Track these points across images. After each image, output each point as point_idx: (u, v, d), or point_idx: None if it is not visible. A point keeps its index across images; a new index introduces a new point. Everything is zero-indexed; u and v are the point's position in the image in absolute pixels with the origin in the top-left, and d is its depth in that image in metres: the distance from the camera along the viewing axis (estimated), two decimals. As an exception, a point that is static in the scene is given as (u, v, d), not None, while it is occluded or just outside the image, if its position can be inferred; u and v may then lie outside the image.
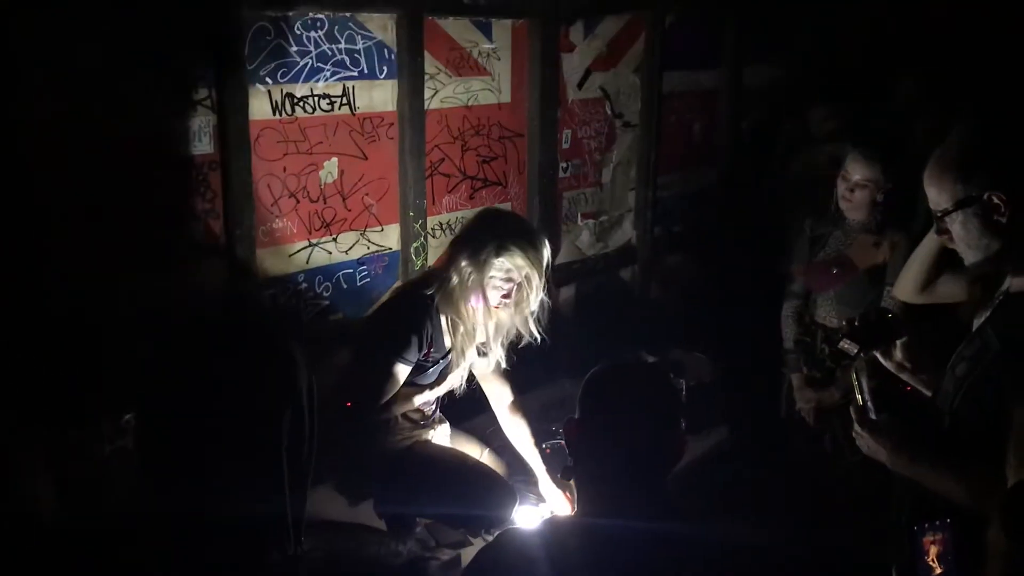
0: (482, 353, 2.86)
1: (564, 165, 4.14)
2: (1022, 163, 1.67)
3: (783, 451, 3.51)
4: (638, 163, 4.52)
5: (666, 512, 1.54)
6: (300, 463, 1.11)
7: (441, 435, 3.02)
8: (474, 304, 2.70)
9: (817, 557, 2.52)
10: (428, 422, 2.96)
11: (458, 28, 3.51)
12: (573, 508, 2.87)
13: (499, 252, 2.62)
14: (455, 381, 2.87)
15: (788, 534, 2.39)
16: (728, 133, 5.00)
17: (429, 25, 3.35)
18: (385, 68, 3.26)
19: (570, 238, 4.28)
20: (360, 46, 3.16)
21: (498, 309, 2.73)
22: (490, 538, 2.83)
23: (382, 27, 3.22)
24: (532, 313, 2.76)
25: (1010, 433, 1.58)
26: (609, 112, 4.31)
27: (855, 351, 2.12)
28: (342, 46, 3.10)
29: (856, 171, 3.22)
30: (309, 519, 1.18)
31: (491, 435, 3.14)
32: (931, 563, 1.69)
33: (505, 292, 2.68)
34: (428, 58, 3.38)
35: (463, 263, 2.65)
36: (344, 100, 3.15)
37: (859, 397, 2.04)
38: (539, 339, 2.80)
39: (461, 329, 2.73)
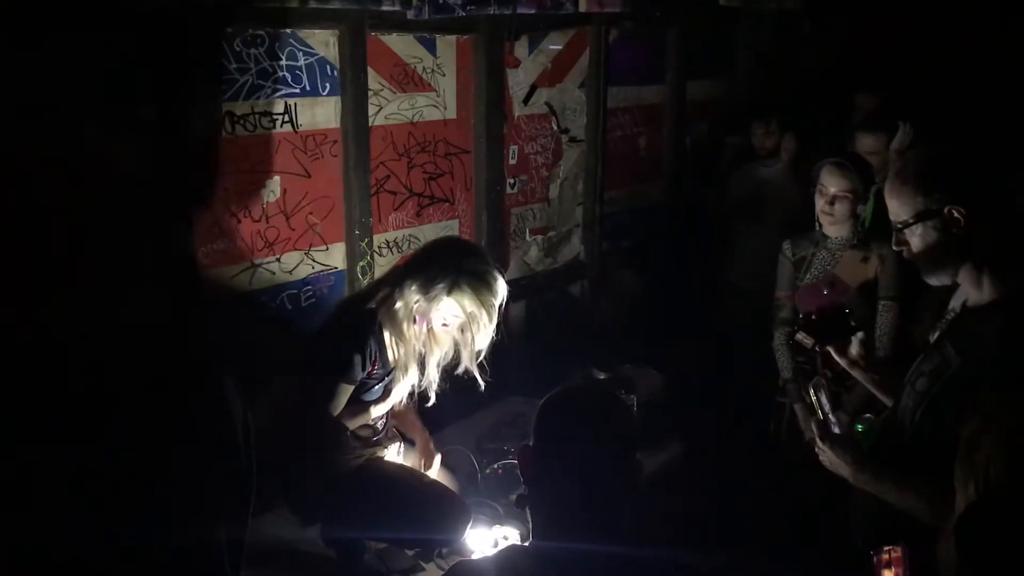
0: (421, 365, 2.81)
1: (511, 181, 4.12)
2: (982, 178, 1.70)
3: (764, 477, 3.40)
4: (585, 178, 4.52)
5: (622, 537, 1.52)
6: (236, 497, 1.06)
7: (392, 452, 2.97)
8: (417, 326, 2.66)
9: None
10: (379, 438, 2.91)
11: (402, 44, 3.47)
12: (428, 459, 2.96)
13: (451, 291, 2.55)
14: (399, 395, 2.81)
15: (744, 558, 2.39)
16: (673, 148, 5.04)
17: (372, 41, 3.31)
18: (328, 85, 3.20)
19: (519, 254, 4.26)
20: (302, 63, 3.11)
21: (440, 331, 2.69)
22: (443, 562, 2.80)
23: (324, 43, 3.17)
24: (479, 353, 2.70)
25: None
26: (555, 127, 4.30)
27: (810, 344, 2.17)
28: (283, 63, 3.04)
29: (833, 183, 3.16)
30: (255, 547, 1.12)
31: (446, 454, 3.10)
32: None
33: (447, 323, 2.64)
34: (372, 74, 3.33)
35: (411, 291, 2.58)
36: (286, 117, 3.09)
37: (820, 412, 2.06)
38: (483, 381, 2.74)
39: (403, 349, 2.69)
